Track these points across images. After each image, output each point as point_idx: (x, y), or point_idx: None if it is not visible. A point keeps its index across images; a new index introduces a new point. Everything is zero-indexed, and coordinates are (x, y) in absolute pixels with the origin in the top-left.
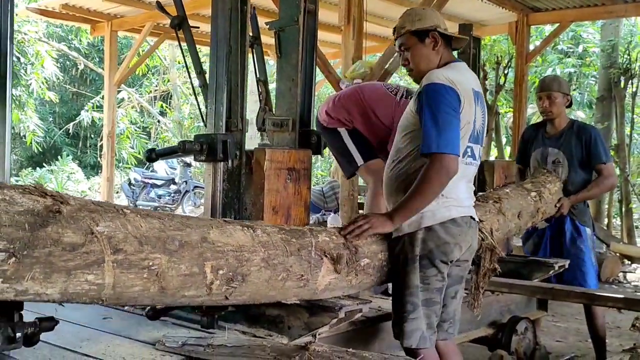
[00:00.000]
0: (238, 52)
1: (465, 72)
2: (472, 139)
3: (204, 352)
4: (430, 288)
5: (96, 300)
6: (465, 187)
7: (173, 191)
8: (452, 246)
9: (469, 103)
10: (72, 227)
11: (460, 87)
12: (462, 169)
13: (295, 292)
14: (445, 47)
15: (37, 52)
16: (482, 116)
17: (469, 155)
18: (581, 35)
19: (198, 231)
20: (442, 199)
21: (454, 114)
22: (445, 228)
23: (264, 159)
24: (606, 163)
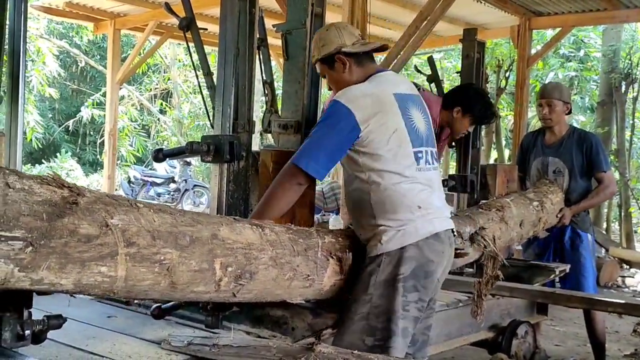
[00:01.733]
0: (246, 54)
1: (385, 81)
2: (415, 143)
3: (210, 352)
4: (409, 316)
5: (108, 293)
6: (437, 196)
7: (172, 189)
8: (437, 266)
9: (385, 112)
10: (87, 219)
11: (370, 101)
12: (421, 177)
13: (301, 291)
14: (358, 62)
15: (38, 49)
16: (424, 117)
17: (421, 159)
18: (583, 40)
19: (209, 228)
20: (422, 211)
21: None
22: (429, 244)
23: (270, 161)
24: (606, 172)
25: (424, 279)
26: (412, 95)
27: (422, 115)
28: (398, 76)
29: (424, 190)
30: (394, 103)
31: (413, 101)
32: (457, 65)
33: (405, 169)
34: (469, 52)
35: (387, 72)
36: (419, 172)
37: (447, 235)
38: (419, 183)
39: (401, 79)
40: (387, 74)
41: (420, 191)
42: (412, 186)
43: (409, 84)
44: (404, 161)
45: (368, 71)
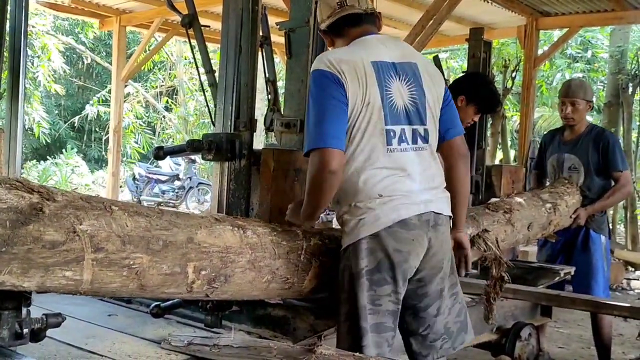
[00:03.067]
0: (248, 52)
1: (365, 47)
2: (391, 120)
3: (210, 352)
4: (381, 310)
5: (73, 293)
6: (413, 179)
7: (177, 187)
8: (405, 255)
9: (360, 82)
10: (54, 226)
11: (346, 67)
12: (391, 159)
13: (280, 293)
14: (337, 34)
15: (44, 45)
16: (411, 90)
17: (394, 138)
18: (590, 41)
19: (185, 231)
20: (384, 199)
21: (330, 98)
22: (392, 233)
23: (271, 160)
24: (623, 171)
25: (393, 270)
26: (401, 64)
27: (410, 86)
28: (387, 41)
29: (391, 176)
30: (371, 72)
31: (401, 70)
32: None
33: (372, 151)
34: (475, 52)
35: (371, 36)
36: (388, 153)
37: (424, 219)
38: (385, 168)
39: (392, 44)
40: (370, 38)
41: (384, 177)
42: (373, 172)
43: (401, 50)
44: (372, 140)
45: (351, 38)
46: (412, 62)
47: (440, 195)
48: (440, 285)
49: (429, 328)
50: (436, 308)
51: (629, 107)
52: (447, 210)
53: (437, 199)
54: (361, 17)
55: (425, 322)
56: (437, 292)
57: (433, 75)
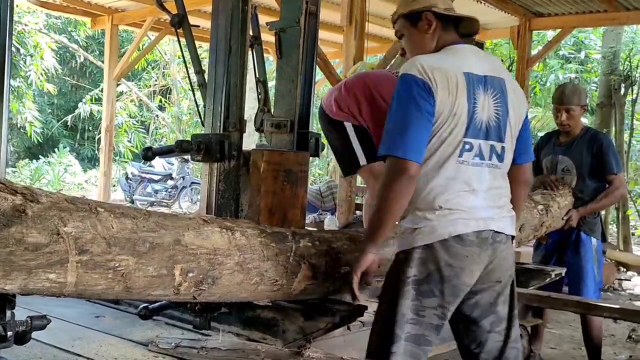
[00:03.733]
0: (238, 52)
1: (459, 56)
2: (471, 133)
3: (198, 355)
4: (425, 322)
5: (57, 296)
6: (477, 195)
7: (170, 187)
8: (458, 270)
9: (451, 92)
10: (37, 227)
11: (439, 75)
12: (460, 171)
13: (268, 295)
14: (444, 29)
15: (36, 44)
16: (496, 106)
17: (468, 152)
18: (583, 41)
19: (172, 233)
20: (444, 211)
21: (416, 108)
22: (447, 247)
23: (261, 161)
24: (617, 174)
25: (442, 284)
26: (491, 78)
27: (496, 102)
28: (479, 53)
29: (455, 189)
30: (463, 84)
31: (489, 84)
32: None
33: (444, 161)
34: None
35: (464, 46)
36: (457, 165)
37: (482, 237)
38: (452, 180)
39: (483, 56)
40: (465, 48)
41: (448, 190)
42: (439, 182)
43: (491, 64)
44: (448, 150)
45: (447, 40)
46: (501, 78)
47: (504, 215)
48: (493, 300)
49: (481, 346)
50: (489, 323)
51: (621, 108)
52: (510, 230)
53: (500, 217)
54: (472, 24)
55: (476, 338)
56: (489, 305)
57: (518, 94)
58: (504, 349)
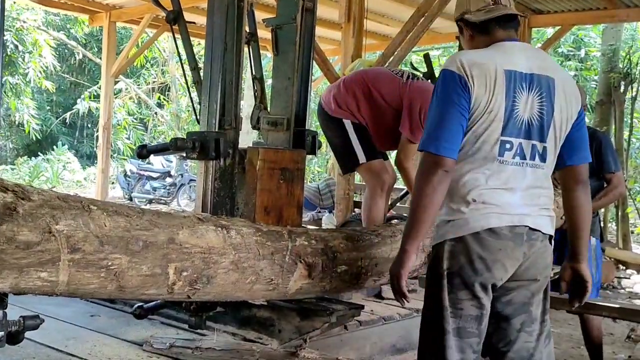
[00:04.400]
0: (234, 49)
1: (503, 53)
2: (510, 131)
3: (192, 355)
4: (464, 315)
5: (49, 294)
6: (513, 193)
7: (169, 184)
8: (489, 263)
9: (488, 88)
10: (29, 226)
11: (477, 71)
12: (499, 170)
13: (264, 294)
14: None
15: (35, 41)
16: (540, 105)
17: (509, 151)
18: (582, 39)
19: (166, 231)
20: (478, 205)
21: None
22: (479, 240)
23: (257, 159)
24: (615, 172)
25: (474, 276)
26: (538, 76)
27: (540, 100)
28: (529, 50)
29: (491, 186)
30: (502, 81)
31: (536, 82)
32: None
33: (481, 158)
34: None
35: (513, 43)
36: (496, 164)
37: (516, 232)
38: (488, 177)
39: (533, 54)
40: (514, 45)
41: (483, 185)
42: (475, 177)
43: (541, 62)
44: (485, 147)
45: (494, 39)
46: (550, 77)
47: (543, 214)
48: (527, 299)
49: (510, 344)
50: (520, 322)
51: (621, 106)
52: (547, 229)
53: (537, 215)
54: (513, 19)
55: (506, 336)
56: (522, 304)
57: (570, 94)
58: (535, 351)
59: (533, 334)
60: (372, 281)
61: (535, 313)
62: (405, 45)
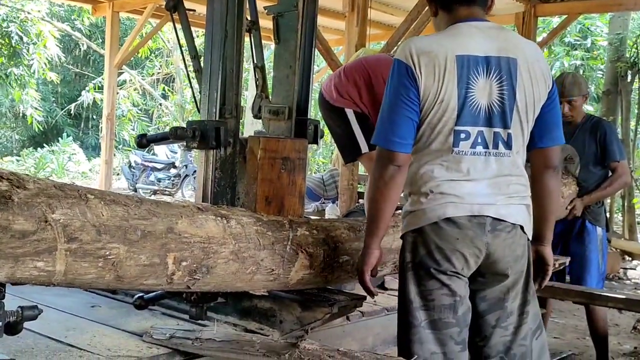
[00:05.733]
0: (234, 37)
1: (460, 35)
2: (466, 120)
3: (192, 346)
4: (436, 305)
5: (47, 285)
6: (477, 183)
7: (173, 175)
8: (448, 253)
9: (437, 77)
10: (24, 214)
11: (425, 59)
12: (455, 161)
13: (265, 284)
14: (444, 7)
15: (39, 32)
16: (501, 89)
17: (464, 140)
18: (589, 28)
19: (165, 221)
20: (435, 195)
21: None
22: (437, 230)
23: (258, 148)
24: (620, 161)
25: (436, 266)
26: (497, 59)
27: (500, 84)
28: (490, 30)
29: (449, 177)
30: (452, 68)
31: (494, 65)
32: None
33: (436, 149)
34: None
35: (472, 23)
36: (453, 155)
37: (475, 222)
38: (445, 168)
39: (493, 34)
40: (470, 26)
41: (441, 177)
42: (431, 168)
43: (502, 43)
44: (439, 138)
45: (456, 17)
46: (512, 58)
47: (511, 202)
48: (502, 295)
49: (485, 340)
50: (495, 318)
51: (628, 96)
52: (516, 218)
53: (505, 205)
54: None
55: (481, 331)
56: (497, 300)
57: (536, 74)
58: (512, 345)
59: (509, 327)
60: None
61: (511, 307)
62: (410, 35)
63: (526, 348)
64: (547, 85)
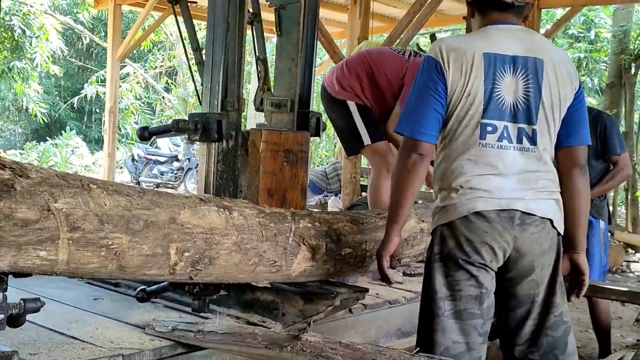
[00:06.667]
0: (236, 29)
1: (489, 36)
2: (492, 114)
3: (194, 338)
4: (463, 296)
5: (49, 274)
6: (505, 177)
7: (176, 168)
8: (477, 245)
9: (464, 73)
10: (27, 203)
11: (454, 55)
12: (483, 154)
13: (267, 276)
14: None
15: (42, 25)
16: (526, 87)
17: (491, 134)
18: (593, 20)
19: (167, 211)
20: (465, 191)
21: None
22: (466, 223)
23: (260, 141)
24: (621, 154)
25: (465, 258)
26: (524, 58)
27: (526, 82)
28: (519, 32)
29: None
30: (480, 64)
31: (521, 65)
32: None
33: (464, 143)
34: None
35: (501, 26)
36: (480, 147)
37: (504, 216)
38: (474, 162)
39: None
40: (499, 28)
41: (470, 171)
42: (461, 163)
43: (530, 44)
44: (466, 131)
45: (488, 20)
46: (538, 58)
47: (540, 197)
48: (532, 291)
49: (515, 331)
50: (525, 311)
51: (632, 88)
52: (547, 212)
53: (533, 199)
54: (507, 7)
55: (510, 324)
56: (527, 296)
57: (562, 74)
58: (539, 334)
59: (537, 318)
60: None
61: (539, 300)
62: (412, 27)
63: (553, 339)
64: (574, 86)
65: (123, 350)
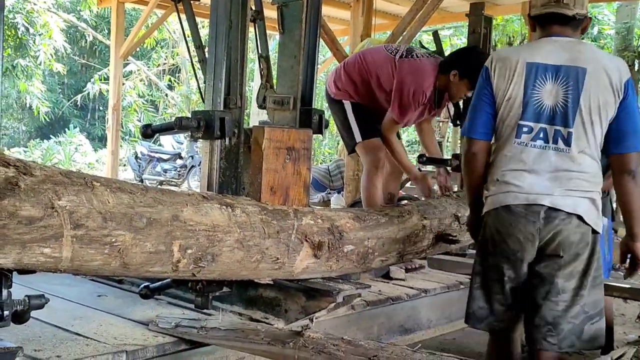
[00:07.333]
0: (238, 26)
1: (532, 48)
2: (529, 116)
3: (197, 335)
4: (490, 278)
5: (53, 271)
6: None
7: (179, 166)
8: (504, 236)
9: (507, 79)
10: (31, 201)
11: (500, 64)
12: (517, 151)
13: (269, 273)
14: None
15: (45, 23)
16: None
17: (526, 134)
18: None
19: (170, 209)
20: (501, 184)
21: (478, 95)
22: (496, 215)
23: (262, 138)
24: None
25: (495, 247)
26: (566, 67)
27: (566, 89)
28: (567, 44)
29: (513, 167)
30: (521, 72)
31: (563, 73)
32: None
33: (505, 140)
34: (475, 28)
35: (552, 38)
36: (515, 145)
37: (531, 210)
38: (510, 158)
39: (568, 48)
40: (547, 41)
41: (506, 166)
42: (500, 158)
43: (575, 55)
44: (507, 130)
45: (544, 33)
46: (581, 67)
47: (569, 194)
48: (553, 272)
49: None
50: (545, 291)
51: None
52: (576, 209)
53: (561, 196)
54: (567, 20)
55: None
56: (547, 275)
57: (604, 83)
58: (561, 320)
59: (560, 303)
60: (379, 261)
61: (562, 285)
62: (415, 25)
63: (574, 326)
64: (617, 95)
65: (127, 347)
